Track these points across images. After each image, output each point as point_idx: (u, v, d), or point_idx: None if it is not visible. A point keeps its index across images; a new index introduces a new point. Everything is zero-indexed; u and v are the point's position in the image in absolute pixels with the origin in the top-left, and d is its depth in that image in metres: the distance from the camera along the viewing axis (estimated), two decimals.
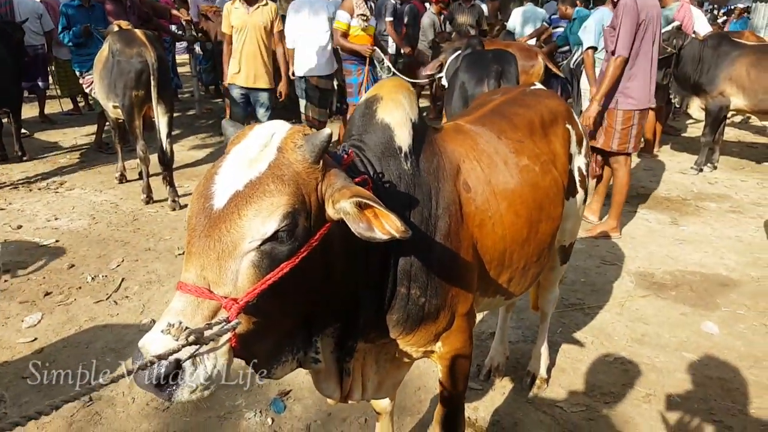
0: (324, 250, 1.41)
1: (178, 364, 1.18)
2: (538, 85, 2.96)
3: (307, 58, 6.69)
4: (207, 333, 1.19)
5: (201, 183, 1.37)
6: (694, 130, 8.94)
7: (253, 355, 1.42)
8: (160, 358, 1.14)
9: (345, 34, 6.50)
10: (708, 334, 3.59)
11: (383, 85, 1.88)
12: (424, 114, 2.15)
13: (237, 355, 1.32)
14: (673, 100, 7.26)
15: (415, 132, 1.79)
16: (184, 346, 1.16)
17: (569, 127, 2.57)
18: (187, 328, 1.18)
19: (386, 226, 1.37)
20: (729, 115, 7.26)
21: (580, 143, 2.65)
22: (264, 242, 1.27)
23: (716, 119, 6.87)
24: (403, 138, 1.76)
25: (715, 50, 6.72)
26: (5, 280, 4.19)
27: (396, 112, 1.78)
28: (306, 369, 1.68)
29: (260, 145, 1.37)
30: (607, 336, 3.54)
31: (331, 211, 1.40)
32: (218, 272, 1.25)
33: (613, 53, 4.66)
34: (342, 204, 1.38)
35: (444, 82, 6.33)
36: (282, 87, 6.43)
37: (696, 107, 7.03)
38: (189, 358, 1.19)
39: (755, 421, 2.82)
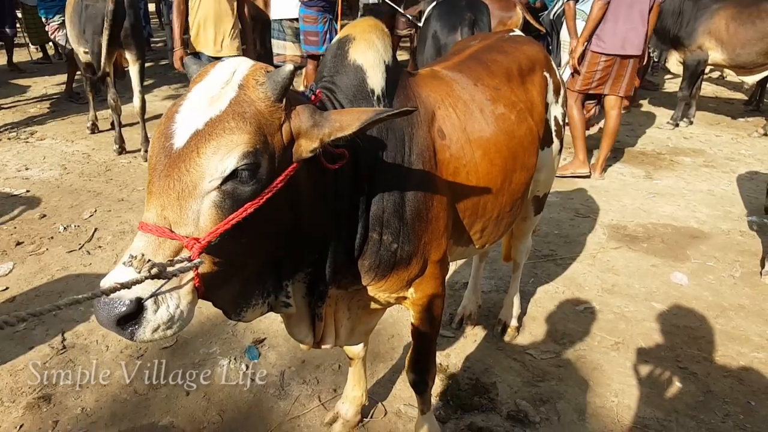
0: (290, 191, 1.39)
1: (139, 304, 1.17)
2: (517, 32, 2.92)
3: (281, 1, 6.49)
4: (169, 269, 1.18)
5: (162, 122, 1.33)
6: (672, 85, 8.95)
7: (220, 298, 1.41)
8: (123, 286, 1.12)
9: None
10: (677, 284, 3.67)
11: (356, 25, 1.82)
12: (404, 67, 2.11)
13: (203, 296, 1.31)
14: (651, 54, 7.23)
15: (388, 75, 1.75)
16: (146, 278, 1.14)
17: (547, 75, 2.54)
18: (149, 260, 1.17)
19: None
20: (707, 70, 7.27)
21: (557, 92, 2.63)
22: (224, 181, 1.25)
23: (694, 74, 6.88)
24: (376, 80, 1.72)
25: (695, 3, 6.67)
26: None
27: (369, 52, 1.73)
28: (277, 313, 1.67)
29: (222, 83, 1.33)
30: (578, 286, 3.61)
31: (305, 147, 1.38)
32: (179, 212, 1.23)
33: None
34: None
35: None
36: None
37: (674, 61, 7.02)
38: (151, 296, 1.18)
39: (719, 368, 2.92)
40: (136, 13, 5.39)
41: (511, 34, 2.75)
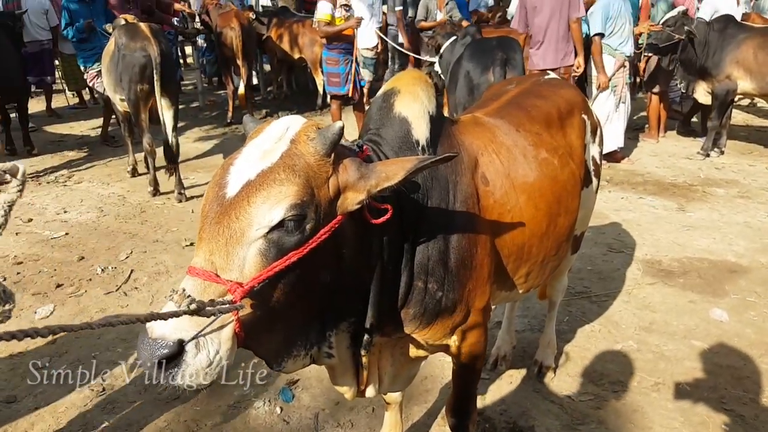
0: (335, 243, 1.42)
1: (181, 346, 1.20)
2: (552, 75, 2.95)
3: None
4: (209, 308, 1.20)
5: (217, 173, 1.40)
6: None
7: (261, 346, 1.44)
8: (159, 316, 1.15)
9: (328, 25, 6.50)
10: (717, 321, 3.57)
11: (401, 78, 1.88)
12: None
13: (243, 344, 1.33)
14: (678, 86, 7.20)
15: (432, 125, 1.79)
16: (185, 312, 1.17)
17: (585, 117, 2.56)
18: (189, 296, 1.20)
19: None
20: (736, 98, 7.20)
21: (594, 132, 2.65)
22: (271, 230, 1.29)
23: (723, 103, 6.80)
24: (421, 131, 1.76)
25: (721, 33, 6.65)
26: (17, 273, 4.23)
27: (414, 105, 1.77)
28: (319, 365, 1.68)
29: (275, 138, 1.40)
30: (615, 324, 3.54)
31: (351, 200, 1.42)
32: (226, 258, 1.28)
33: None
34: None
35: (437, 67, 6.34)
36: None
37: (702, 92, 6.96)
38: (192, 339, 1.21)
39: (767, 409, 2.81)
40: (170, 60, 5.59)
41: (546, 77, 2.77)
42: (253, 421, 2.77)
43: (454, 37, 6.22)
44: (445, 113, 2.32)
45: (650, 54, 7.30)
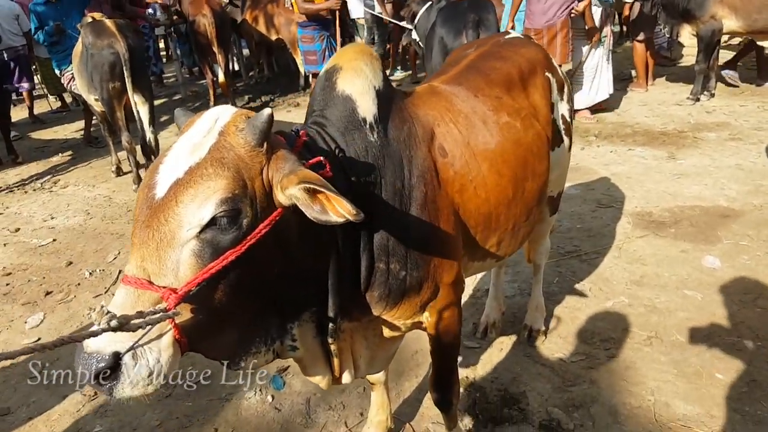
0: (279, 236, 1.36)
1: (117, 359, 1.16)
2: (513, 33, 2.86)
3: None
4: (135, 321, 1.15)
5: (147, 174, 1.34)
6: (689, 59, 8.69)
7: (211, 349, 1.39)
8: (72, 339, 1.12)
9: (308, 1, 6.37)
10: (710, 268, 3.53)
11: (343, 54, 1.81)
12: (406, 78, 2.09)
13: (190, 349, 1.29)
14: (663, 30, 7.03)
15: (380, 100, 1.72)
16: (104, 330, 1.12)
17: (549, 75, 2.48)
18: (108, 312, 1.15)
19: (338, 209, 1.31)
20: (724, 38, 7.04)
21: (561, 89, 2.57)
22: (203, 229, 1.23)
23: (709, 44, 6.66)
24: (367, 108, 1.69)
25: None
26: (6, 284, 4.22)
27: (357, 80, 1.71)
28: (284, 358, 1.65)
29: (204, 131, 1.34)
30: (605, 281, 3.50)
31: (281, 198, 1.35)
32: (158, 263, 1.23)
33: None
34: (291, 190, 1.32)
35: (414, 35, 6.22)
36: None
37: (687, 34, 6.81)
38: (128, 351, 1.17)
39: (763, 355, 2.77)
40: (140, 55, 5.50)
41: (508, 36, 2.68)
42: (245, 411, 2.77)
43: (429, 3, 6.09)
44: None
45: (631, 0, 7.13)
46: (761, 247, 3.70)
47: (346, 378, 1.89)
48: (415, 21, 6.08)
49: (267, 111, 1.33)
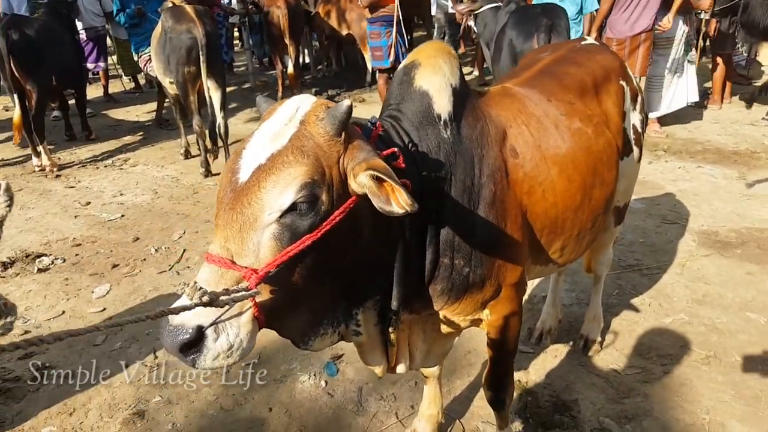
0: (352, 223, 1.41)
1: (200, 332, 1.22)
2: (589, 40, 2.85)
3: None
4: (223, 298, 1.22)
5: (230, 158, 1.40)
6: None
7: (285, 327, 1.45)
8: (170, 311, 1.18)
9: None
10: None
11: (422, 50, 1.83)
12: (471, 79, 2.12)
13: (266, 326, 1.35)
14: (741, 49, 6.80)
15: (455, 98, 1.75)
16: (196, 305, 1.19)
17: (623, 83, 2.46)
18: (201, 288, 1.21)
19: (399, 199, 1.34)
20: None
21: (634, 99, 2.54)
22: (284, 214, 1.29)
23: None
24: (442, 105, 1.72)
25: None
26: (76, 254, 4.43)
27: (435, 78, 1.74)
28: (348, 341, 1.69)
29: (285, 119, 1.39)
30: (666, 297, 3.44)
31: (354, 185, 1.39)
32: (240, 244, 1.28)
33: None
34: (360, 177, 1.36)
35: (474, 27, 6.20)
36: None
37: (766, 53, 6.56)
38: (211, 325, 1.23)
39: None
40: (216, 41, 5.66)
41: (584, 42, 2.68)
42: (299, 394, 2.84)
43: (495, 4, 6.07)
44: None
45: (708, 17, 6.93)
46: None
47: (401, 368, 1.92)
48: (479, 16, 6.10)
49: (347, 102, 1.37)
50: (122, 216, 5.14)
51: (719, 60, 7.25)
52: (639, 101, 2.59)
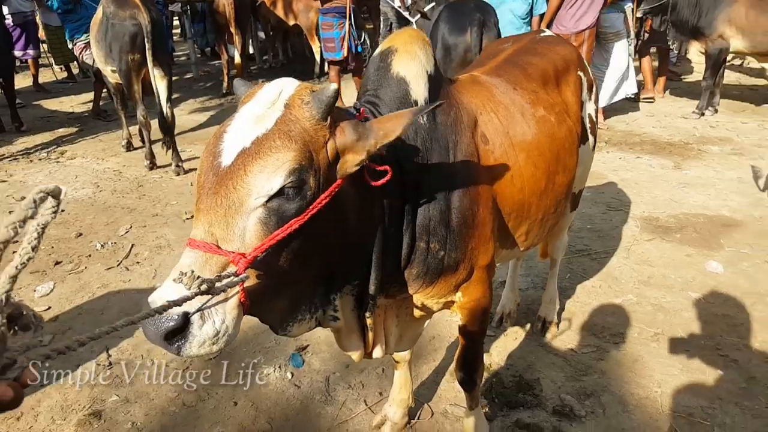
0: (336, 207, 1.40)
1: (186, 319, 1.19)
2: (548, 32, 2.94)
3: None
4: (218, 284, 1.20)
5: (210, 141, 1.37)
6: (696, 75, 8.86)
7: (266, 313, 1.43)
8: (175, 304, 1.13)
9: None
10: (713, 273, 3.65)
11: (397, 37, 1.84)
12: None
13: (248, 312, 1.33)
14: (671, 46, 7.18)
15: (431, 84, 1.77)
16: (197, 294, 1.15)
17: (581, 74, 2.56)
18: (199, 276, 1.18)
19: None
20: (729, 57, 7.20)
21: (590, 89, 2.65)
22: (270, 198, 1.27)
23: (716, 63, 6.81)
24: (420, 91, 1.74)
25: None
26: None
27: (411, 64, 1.75)
28: (325, 327, 1.68)
29: (268, 102, 1.37)
30: (615, 279, 3.61)
31: (358, 158, 1.39)
32: (226, 228, 1.26)
33: None
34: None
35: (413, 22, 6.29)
36: None
37: (695, 51, 6.96)
38: (197, 311, 1.20)
39: (760, 354, 2.91)
40: (161, 29, 5.48)
41: (542, 34, 2.76)
42: (265, 387, 2.81)
43: (433, 3, 6.17)
44: None
45: (641, 15, 7.28)
46: (761, 256, 3.82)
47: (377, 352, 1.93)
48: (416, 17, 6.19)
49: (333, 86, 1.37)
50: (62, 211, 4.89)
51: (652, 51, 7.61)
52: (594, 92, 2.70)
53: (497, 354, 2.96)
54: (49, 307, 3.52)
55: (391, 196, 1.62)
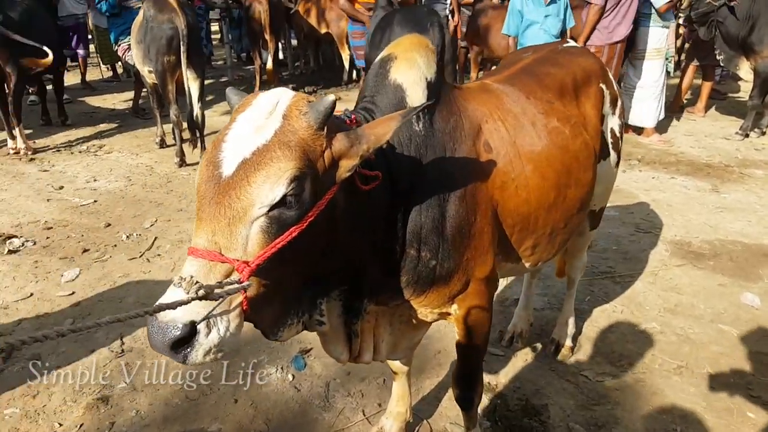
0: (330, 213, 1.42)
1: (193, 328, 1.21)
2: (572, 42, 2.86)
3: None
4: (217, 291, 1.22)
5: (209, 150, 1.38)
6: (742, 93, 8.51)
7: (262, 319, 1.44)
8: (168, 306, 1.16)
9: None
10: (748, 306, 3.44)
11: (399, 44, 1.83)
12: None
13: (247, 318, 1.34)
14: (717, 58, 6.85)
15: (429, 92, 1.75)
16: (193, 299, 1.18)
17: (603, 86, 2.47)
18: (197, 282, 1.20)
19: None
20: None
21: (614, 103, 2.55)
22: (272, 208, 1.29)
23: (765, 81, 6.49)
24: (416, 98, 1.72)
25: (767, 7, 6.30)
26: (47, 237, 4.32)
27: (410, 71, 1.74)
28: (311, 331, 1.68)
29: (266, 113, 1.37)
30: (638, 305, 3.45)
31: (351, 163, 1.41)
32: (229, 237, 1.27)
33: None
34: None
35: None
36: None
37: (745, 68, 6.66)
38: (203, 320, 1.22)
39: None
40: (196, 32, 5.64)
41: (565, 45, 2.68)
42: (265, 387, 2.79)
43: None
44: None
45: (685, 25, 7.03)
46: None
47: (366, 357, 1.91)
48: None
49: (331, 97, 1.38)
50: (95, 201, 5.06)
51: (691, 68, 7.43)
52: (618, 105, 2.59)
53: (504, 375, 2.85)
54: (73, 292, 3.63)
55: (380, 201, 1.60)
